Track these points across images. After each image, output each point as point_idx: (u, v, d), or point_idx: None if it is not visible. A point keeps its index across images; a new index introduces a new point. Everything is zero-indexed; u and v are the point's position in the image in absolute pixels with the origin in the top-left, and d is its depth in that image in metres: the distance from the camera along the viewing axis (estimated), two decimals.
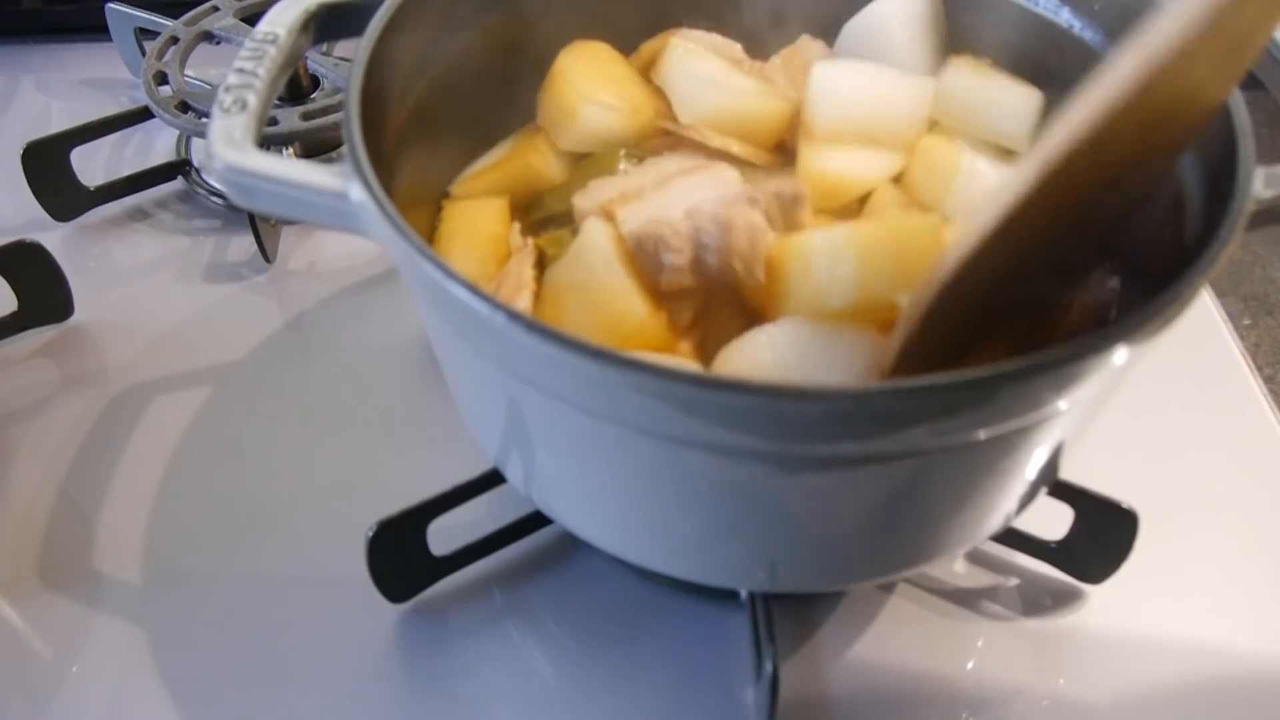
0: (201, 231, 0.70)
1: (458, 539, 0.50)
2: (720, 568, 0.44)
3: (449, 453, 0.53)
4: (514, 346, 0.34)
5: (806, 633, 0.49)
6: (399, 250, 0.36)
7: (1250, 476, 0.56)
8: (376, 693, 0.47)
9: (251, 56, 0.42)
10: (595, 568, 0.51)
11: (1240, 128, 0.40)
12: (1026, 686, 0.48)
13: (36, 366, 0.61)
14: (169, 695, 0.47)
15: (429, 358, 0.60)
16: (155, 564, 0.51)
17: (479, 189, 0.52)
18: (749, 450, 0.35)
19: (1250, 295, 1.83)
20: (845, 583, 0.48)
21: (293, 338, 0.63)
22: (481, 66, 0.52)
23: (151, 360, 0.61)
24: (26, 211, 0.68)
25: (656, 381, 0.32)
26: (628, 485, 0.40)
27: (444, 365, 0.46)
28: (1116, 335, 0.33)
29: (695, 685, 0.47)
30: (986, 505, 0.41)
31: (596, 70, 0.54)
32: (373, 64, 0.42)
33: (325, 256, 0.68)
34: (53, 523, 0.53)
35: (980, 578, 0.52)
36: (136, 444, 0.57)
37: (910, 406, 0.32)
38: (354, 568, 0.47)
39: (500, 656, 0.48)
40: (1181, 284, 0.35)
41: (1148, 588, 0.51)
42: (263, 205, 0.40)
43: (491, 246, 0.50)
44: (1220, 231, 0.37)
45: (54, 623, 0.49)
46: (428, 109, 0.49)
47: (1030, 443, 0.38)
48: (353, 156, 0.38)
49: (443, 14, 0.49)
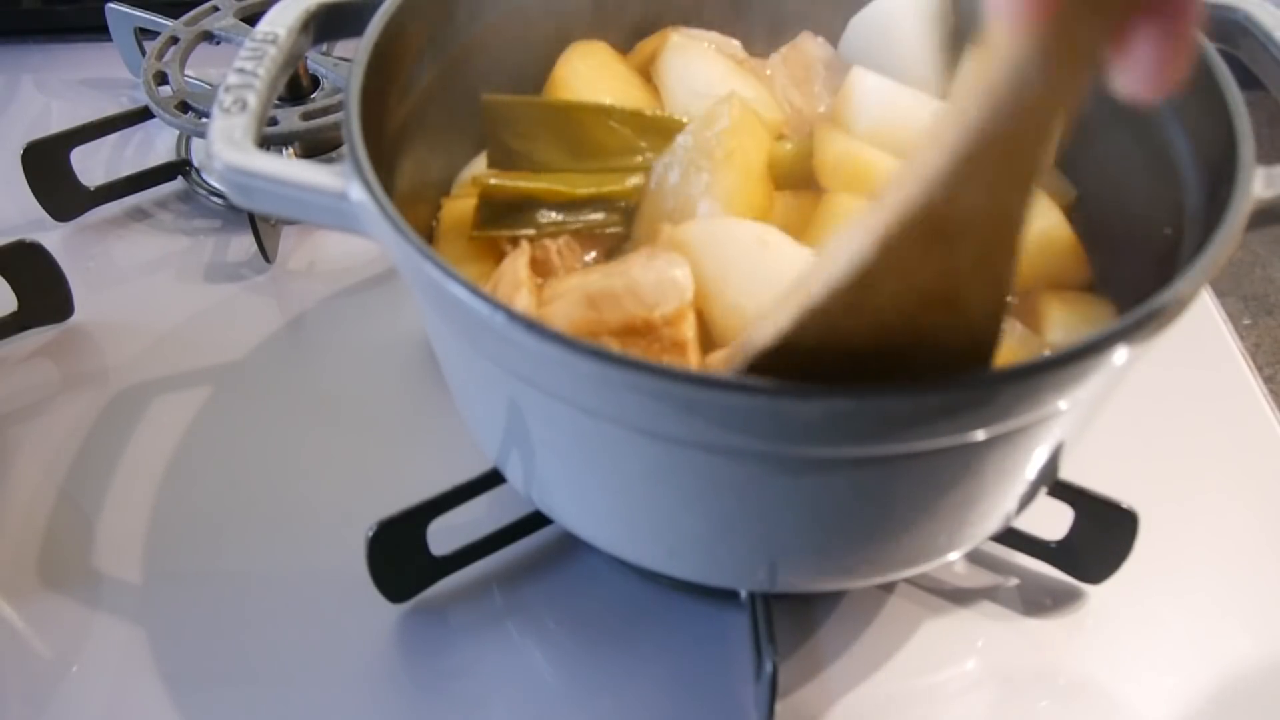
0: (201, 231, 0.70)
1: (458, 539, 0.50)
2: (720, 568, 0.44)
3: (449, 453, 0.53)
4: (514, 346, 0.34)
5: (806, 633, 0.49)
6: (399, 250, 0.36)
7: (1250, 476, 0.56)
8: (376, 693, 0.47)
9: (251, 56, 0.42)
10: (595, 568, 0.51)
11: (1240, 128, 0.40)
12: (1026, 686, 0.48)
13: (36, 366, 0.61)
14: (169, 695, 0.47)
15: (429, 358, 0.60)
16: (155, 564, 0.51)
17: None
18: (749, 450, 0.35)
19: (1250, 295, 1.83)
20: (845, 583, 0.48)
21: (293, 338, 0.63)
22: (481, 66, 0.52)
23: (151, 360, 0.61)
24: (26, 211, 0.68)
25: (656, 381, 0.32)
26: (628, 485, 0.40)
27: (444, 365, 0.46)
28: (1116, 335, 0.33)
29: (695, 685, 0.47)
30: (986, 505, 0.41)
31: (596, 74, 0.54)
32: (373, 64, 0.42)
33: (325, 256, 0.68)
34: (53, 523, 0.53)
35: (980, 578, 0.52)
36: (136, 444, 0.57)
37: (910, 407, 0.32)
38: (354, 568, 0.47)
39: (500, 656, 0.48)
40: (1181, 284, 0.35)
41: (1148, 588, 0.51)
42: (263, 205, 0.40)
43: (491, 246, 0.50)
44: (1220, 231, 0.37)
45: (54, 623, 0.49)
46: (428, 109, 0.49)
47: (1030, 443, 0.38)
48: (353, 156, 0.38)
49: (442, 14, 0.49)
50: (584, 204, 0.49)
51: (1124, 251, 0.48)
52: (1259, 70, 0.45)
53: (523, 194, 0.49)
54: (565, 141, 0.51)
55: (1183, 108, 0.45)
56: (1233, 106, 0.41)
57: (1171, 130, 0.45)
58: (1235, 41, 0.46)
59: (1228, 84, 0.42)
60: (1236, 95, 0.41)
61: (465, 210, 0.51)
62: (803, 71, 0.55)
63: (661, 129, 0.51)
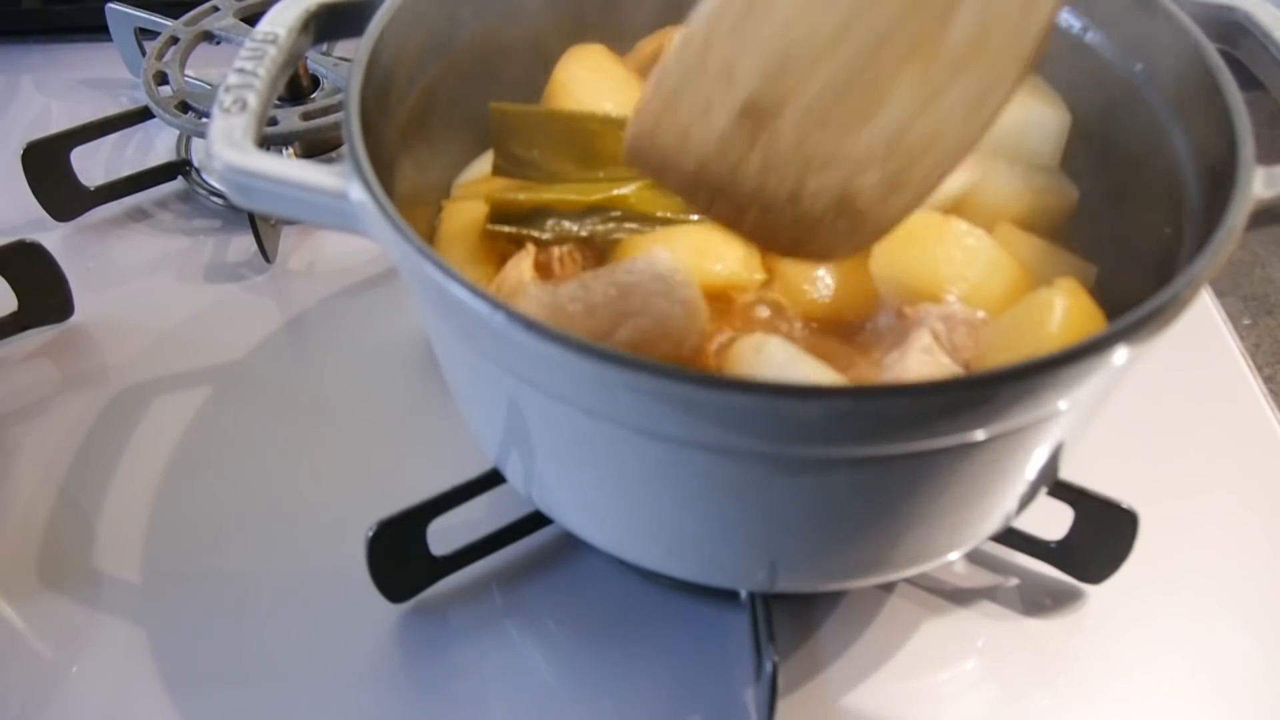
0: (201, 231, 0.70)
1: (458, 539, 0.50)
2: (720, 568, 0.44)
3: (449, 453, 0.53)
4: (514, 346, 0.34)
5: (806, 633, 0.49)
6: (399, 250, 0.36)
7: (1250, 476, 0.56)
8: (376, 693, 0.47)
9: (251, 56, 0.42)
10: (595, 568, 0.51)
11: (1240, 128, 0.40)
12: (1026, 686, 0.48)
13: (36, 366, 0.61)
14: (169, 695, 0.47)
15: (429, 358, 0.60)
16: (155, 564, 0.51)
17: (480, 190, 0.52)
18: (749, 450, 0.35)
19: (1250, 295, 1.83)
20: (845, 583, 0.48)
21: (293, 338, 0.63)
22: (482, 66, 0.52)
23: (151, 360, 0.61)
24: (26, 211, 0.68)
25: (656, 381, 0.32)
26: (628, 485, 0.40)
27: (444, 365, 0.46)
28: (1116, 335, 0.33)
29: (695, 685, 0.47)
30: (987, 505, 0.41)
31: (595, 77, 0.54)
32: (373, 64, 0.42)
33: (325, 256, 0.68)
34: (53, 523, 0.53)
35: (980, 578, 0.52)
36: (136, 444, 0.57)
37: (910, 406, 0.32)
38: (354, 568, 0.47)
39: (500, 656, 0.48)
40: (1181, 284, 0.35)
41: (1148, 588, 0.51)
42: (263, 205, 0.40)
43: (493, 250, 0.50)
44: (1220, 231, 0.37)
45: (54, 623, 0.49)
46: (428, 109, 0.49)
47: (1030, 443, 0.38)
48: (353, 156, 0.38)
49: (443, 14, 0.49)
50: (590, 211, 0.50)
51: (1124, 251, 0.48)
52: (1259, 70, 0.45)
53: (530, 205, 0.49)
54: (573, 151, 0.51)
55: (1183, 108, 0.45)
56: (1233, 106, 0.41)
57: (1171, 130, 0.45)
58: (1235, 41, 0.46)
59: (1228, 84, 0.42)
60: (1236, 95, 0.41)
61: (466, 213, 0.51)
62: None
63: None
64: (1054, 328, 0.41)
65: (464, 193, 0.53)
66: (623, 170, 0.50)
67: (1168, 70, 0.46)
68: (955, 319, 0.43)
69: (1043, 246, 0.48)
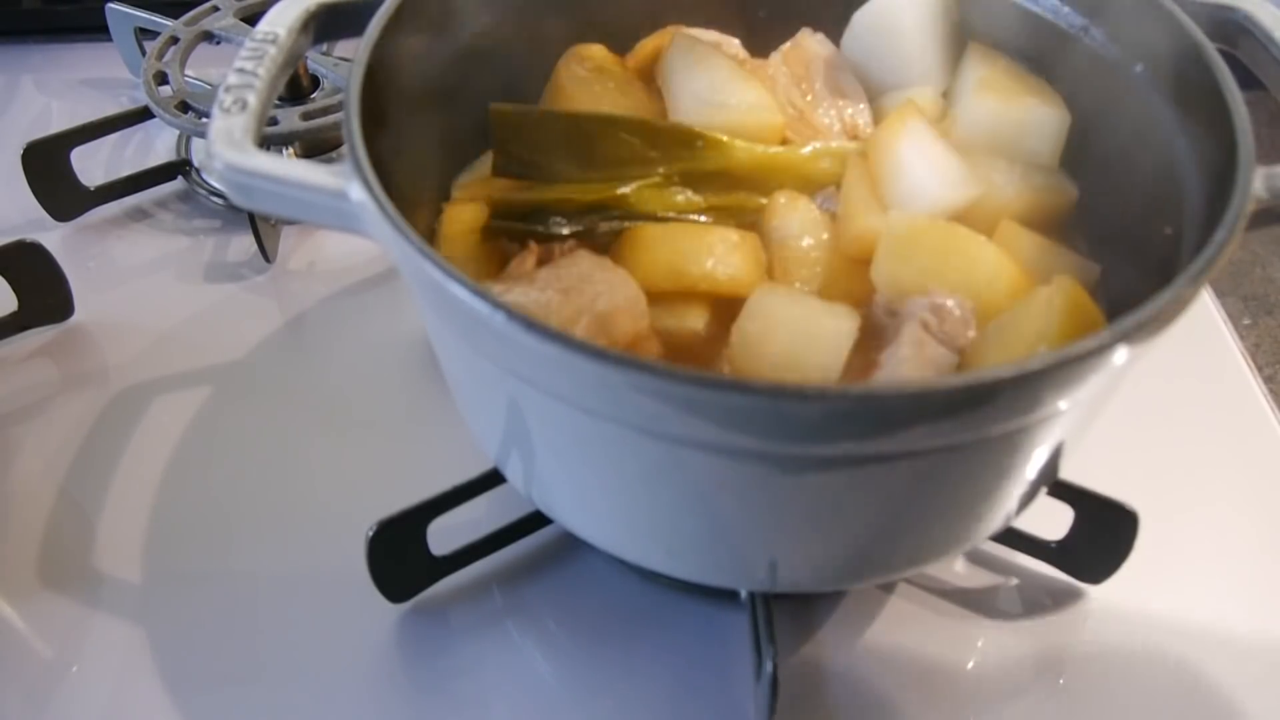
0: (201, 231, 0.70)
1: (458, 539, 0.50)
2: (720, 568, 0.44)
3: (449, 453, 0.53)
4: (514, 346, 0.34)
5: (806, 633, 0.49)
6: (399, 250, 0.36)
7: (1250, 476, 0.56)
8: (376, 693, 0.47)
9: (251, 56, 0.42)
10: (595, 568, 0.51)
11: (1240, 128, 0.40)
12: (1026, 686, 0.48)
13: (36, 366, 0.61)
14: (169, 695, 0.47)
15: (429, 358, 0.60)
16: (155, 564, 0.51)
17: (480, 190, 0.52)
18: (749, 450, 0.35)
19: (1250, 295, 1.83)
20: (845, 583, 0.48)
21: (293, 338, 0.63)
22: (482, 66, 0.52)
23: (151, 360, 0.61)
24: (26, 211, 0.68)
25: (656, 381, 0.32)
26: (628, 485, 0.40)
27: (444, 365, 0.46)
28: (1116, 335, 0.33)
29: (695, 685, 0.47)
30: (987, 505, 0.41)
31: (595, 78, 0.54)
32: (373, 64, 0.42)
33: (325, 256, 0.68)
34: (53, 523, 0.53)
35: (980, 578, 0.52)
36: (136, 444, 0.57)
37: (910, 406, 0.32)
38: (354, 568, 0.47)
39: (500, 656, 0.48)
40: (1181, 284, 0.35)
41: (1148, 588, 0.51)
42: (263, 205, 0.40)
43: (494, 250, 0.50)
44: (1220, 231, 0.37)
45: (54, 623, 0.49)
46: (428, 109, 0.49)
47: (1030, 442, 0.38)
48: (353, 156, 0.38)
49: (443, 14, 0.49)
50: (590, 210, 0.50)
51: (1124, 251, 0.47)
52: (1259, 70, 0.45)
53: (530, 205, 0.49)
54: (574, 152, 0.50)
55: (1183, 108, 0.45)
56: (1233, 106, 0.41)
57: (1171, 130, 0.45)
58: (1235, 41, 0.46)
59: (1228, 84, 0.42)
60: (1236, 95, 0.41)
61: (467, 214, 0.51)
62: (803, 69, 0.55)
63: (671, 138, 0.51)
64: (1052, 327, 0.41)
65: (464, 193, 0.53)
66: (623, 170, 0.50)
67: (1168, 70, 0.46)
68: (944, 308, 0.43)
69: (1046, 244, 0.48)
